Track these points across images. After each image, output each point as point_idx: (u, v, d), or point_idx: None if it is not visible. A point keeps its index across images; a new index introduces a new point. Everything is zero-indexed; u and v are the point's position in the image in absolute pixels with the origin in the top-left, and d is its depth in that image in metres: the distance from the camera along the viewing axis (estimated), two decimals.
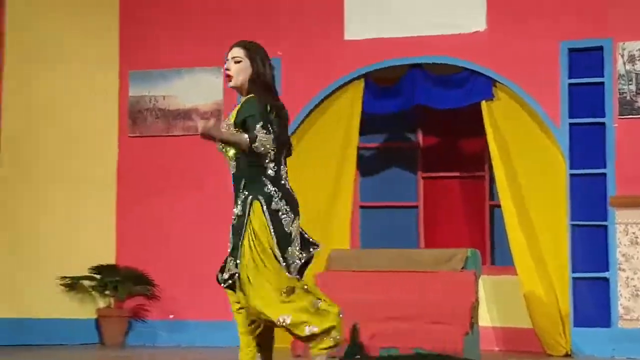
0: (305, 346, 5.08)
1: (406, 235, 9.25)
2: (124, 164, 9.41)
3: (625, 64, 8.17)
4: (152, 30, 9.40)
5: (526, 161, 8.40)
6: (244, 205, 4.65)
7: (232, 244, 4.72)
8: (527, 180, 8.39)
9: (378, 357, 7.02)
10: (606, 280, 8.08)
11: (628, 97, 8.16)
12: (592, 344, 8.02)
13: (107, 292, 9.13)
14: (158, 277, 9.08)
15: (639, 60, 8.15)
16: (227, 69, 4.80)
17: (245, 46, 4.82)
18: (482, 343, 7.65)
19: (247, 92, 4.78)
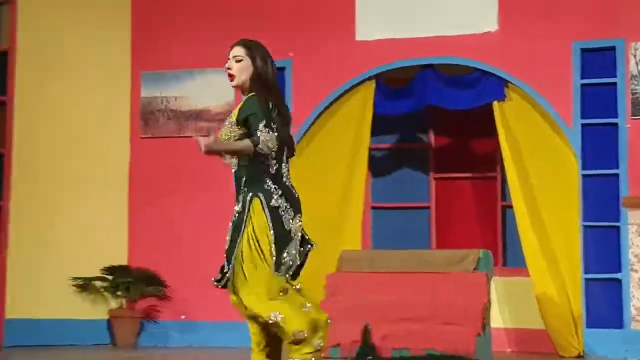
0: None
1: (418, 236, 9.24)
2: (135, 165, 9.43)
3: (637, 64, 8.14)
4: (164, 32, 9.41)
5: (538, 162, 8.39)
6: (244, 202, 4.66)
7: (229, 240, 4.72)
8: (539, 181, 8.37)
9: (390, 358, 7.01)
10: (619, 281, 8.06)
11: None
12: (605, 345, 7.99)
13: (119, 293, 9.15)
14: (170, 277, 9.10)
15: None
16: (229, 67, 4.80)
17: (246, 45, 4.80)
18: (494, 344, 7.63)
19: (248, 90, 4.77)
